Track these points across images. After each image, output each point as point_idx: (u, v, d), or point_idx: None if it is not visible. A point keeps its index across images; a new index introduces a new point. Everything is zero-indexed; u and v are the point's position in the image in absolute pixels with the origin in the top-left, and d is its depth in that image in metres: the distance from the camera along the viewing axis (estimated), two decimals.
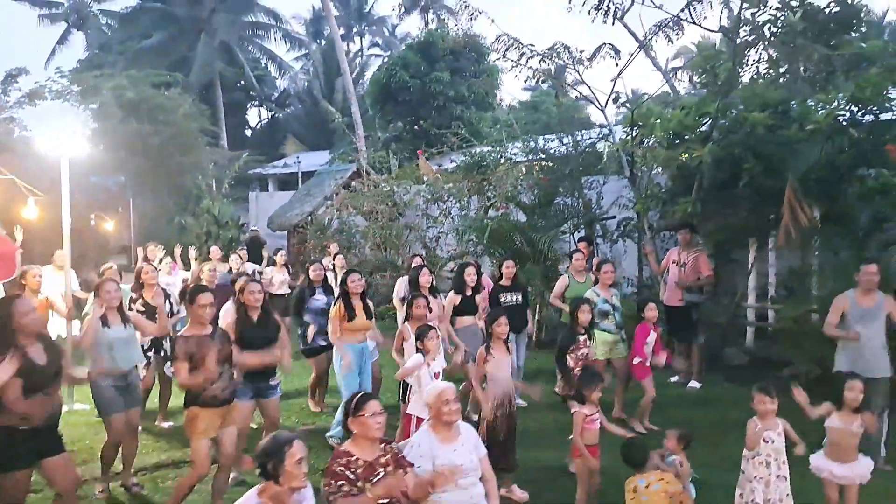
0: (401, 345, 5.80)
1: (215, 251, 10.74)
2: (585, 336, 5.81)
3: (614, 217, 10.70)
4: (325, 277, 7.43)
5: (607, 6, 8.36)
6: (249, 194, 23.20)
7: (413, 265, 7.86)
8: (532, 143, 12.00)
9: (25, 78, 16.39)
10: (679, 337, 8.69)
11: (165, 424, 6.94)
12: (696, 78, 8.34)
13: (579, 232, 11.16)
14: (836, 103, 7.17)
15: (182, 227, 16.34)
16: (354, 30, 39.63)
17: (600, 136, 11.12)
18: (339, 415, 6.23)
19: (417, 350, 5.10)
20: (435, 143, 17.01)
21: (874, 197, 6.86)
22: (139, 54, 26.40)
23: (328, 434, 6.36)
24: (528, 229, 10.55)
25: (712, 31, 8.83)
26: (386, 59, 27.03)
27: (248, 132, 34.05)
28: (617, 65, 10.37)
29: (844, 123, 7.43)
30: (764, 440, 4.40)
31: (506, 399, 5.14)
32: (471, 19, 11.19)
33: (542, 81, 12.78)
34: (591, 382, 4.93)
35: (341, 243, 14.15)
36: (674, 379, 8.64)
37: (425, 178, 13.45)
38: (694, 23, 8.62)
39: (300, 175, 21.96)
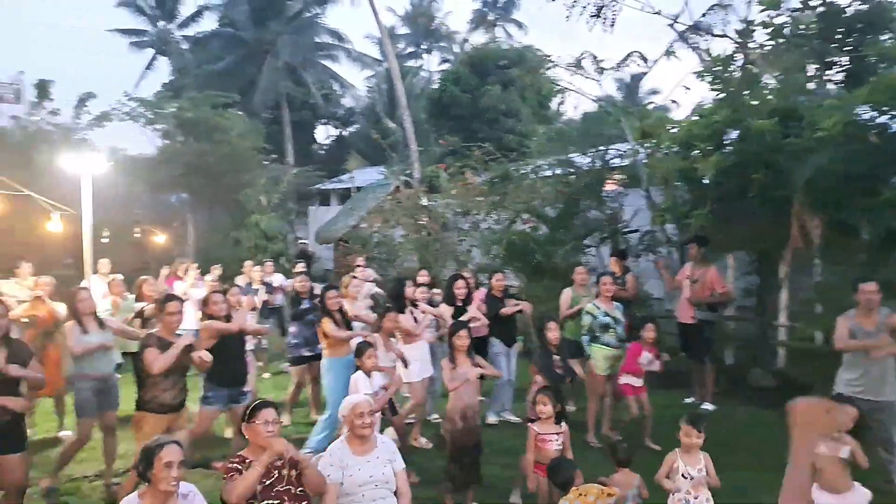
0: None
1: (248, 265, 10.99)
2: (557, 356, 5.69)
3: (637, 231, 10.42)
4: (311, 289, 7.56)
5: (603, 13, 8.18)
6: (309, 209, 23.98)
7: (419, 277, 7.91)
8: (560, 157, 11.86)
9: (95, 101, 17.56)
10: (691, 356, 8.35)
11: None
12: (707, 85, 8.03)
13: (604, 245, 10.94)
14: (848, 108, 6.72)
15: (236, 241, 17.04)
16: (423, 46, 40.26)
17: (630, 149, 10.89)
18: (317, 427, 6.36)
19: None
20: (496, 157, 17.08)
21: (885, 210, 6.37)
22: (211, 77, 27.80)
23: (305, 446, 6.45)
24: (547, 243, 10.43)
25: (725, 36, 8.50)
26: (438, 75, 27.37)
27: (317, 149, 35.09)
28: (645, 72, 10.16)
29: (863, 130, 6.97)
30: (682, 475, 4.21)
31: (468, 411, 5.11)
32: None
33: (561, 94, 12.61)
34: (542, 400, 4.84)
35: (381, 256, 14.40)
36: (689, 400, 8.30)
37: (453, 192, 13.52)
38: (709, 32, 8.33)
39: (355, 190, 22.51)
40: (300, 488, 3.62)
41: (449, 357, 5.23)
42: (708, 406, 8.01)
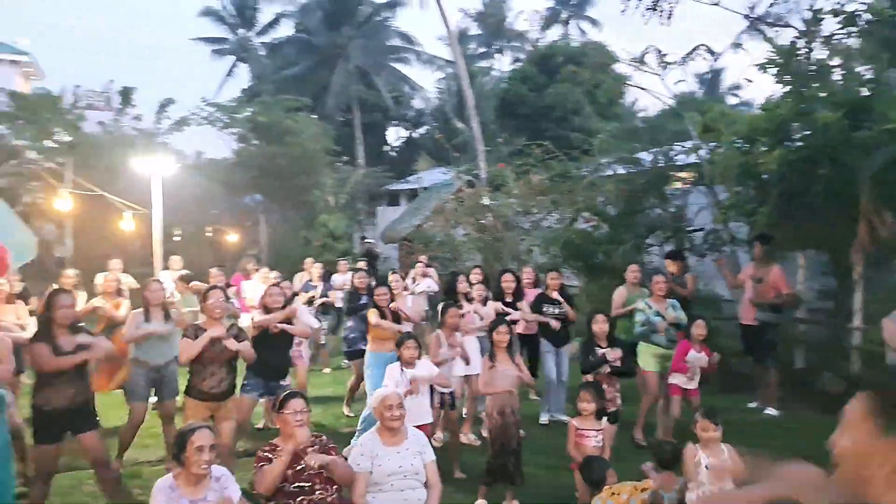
0: (436, 351, 5.94)
1: (309, 262, 11.25)
2: (607, 348, 5.59)
3: (702, 229, 10.09)
4: (369, 285, 7.72)
5: (659, 6, 7.93)
6: (378, 209, 24.41)
7: (473, 275, 7.93)
8: (624, 154, 11.61)
9: (175, 107, 18.46)
10: (755, 358, 8.03)
11: None
12: (771, 77, 7.67)
13: (669, 245, 10.66)
14: None
15: (306, 241, 17.55)
16: (494, 46, 40.22)
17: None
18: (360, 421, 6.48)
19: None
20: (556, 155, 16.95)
21: None
22: (285, 82, 28.72)
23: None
24: (607, 242, 10.25)
25: (790, 26, 8.11)
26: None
27: (387, 150, 35.63)
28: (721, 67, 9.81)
29: None
30: (706, 468, 4.12)
31: (506, 408, 5.11)
32: None
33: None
34: (584, 397, 4.80)
35: (444, 255, 14.50)
36: (752, 404, 7.99)
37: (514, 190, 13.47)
38: (777, 24, 7.98)
39: (422, 190, 22.74)
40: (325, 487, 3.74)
41: (489, 354, 5.24)
42: (771, 411, 7.69)
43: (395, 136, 36.99)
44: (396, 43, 31.62)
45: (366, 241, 18.27)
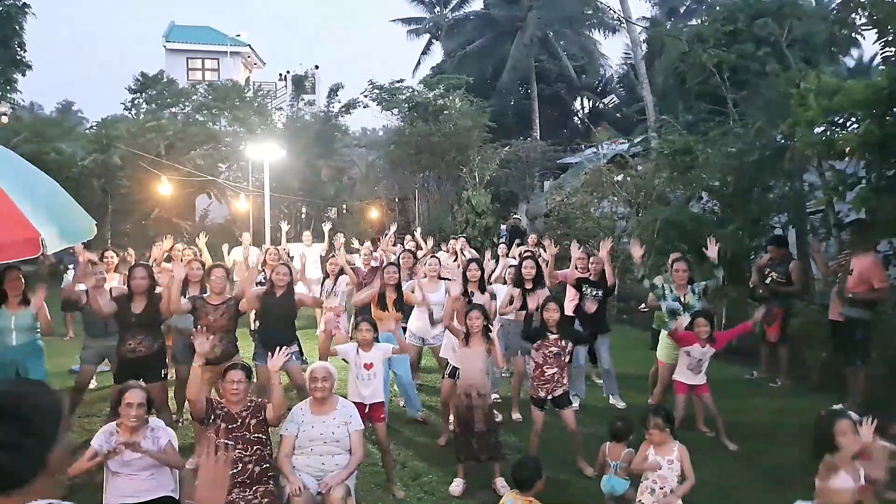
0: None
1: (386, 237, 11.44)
2: (557, 335, 5.49)
3: (821, 211, 8.99)
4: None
5: None
6: (545, 183, 24.37)
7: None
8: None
9: (343, 91, 20.14)
10: (844, 359, 7.14)
11: None
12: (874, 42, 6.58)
13: (791, 228, 9.67)
14: None
15: (453, 216, 18.33)
16: (682, 10, 37.43)
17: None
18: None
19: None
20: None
21: None
22: (466, 58, 29.52)
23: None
24: (714, 224, 9.55)
25: None
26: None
27: (569, 121, 35.04)
28: None
29: None
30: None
31: (472, 390, 5.30)
32: None
33: None
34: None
35: (588, 233, 14.27)
36: (837, 406, 7.15)
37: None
38: None
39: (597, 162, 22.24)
40: (255, 434, 4.34)
41: (464, 336, 5.41)
42: (853, 415, 6.83)
43: (577, 106, 36.21)
44: (579, 10, 30.82)
45: (513, 216, 18.52)
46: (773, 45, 20.62)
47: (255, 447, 4.32)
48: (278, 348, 4.54)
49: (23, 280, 5.78)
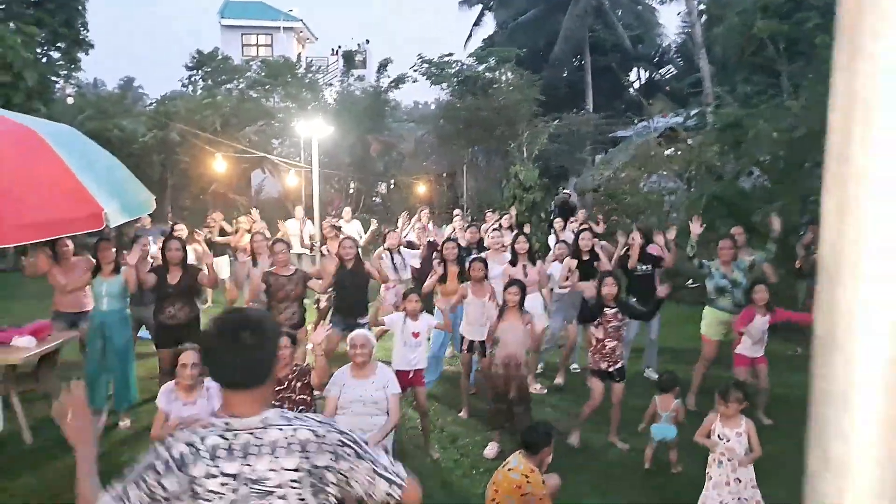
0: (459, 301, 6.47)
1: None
2: (616, 310, 5.61)
3: None
4: (481, 241, 8.30)
5: None
6: (597, 157, 24.08)
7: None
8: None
9: (393, 66, 20.28)
10: None
11: None
12: None
13: None
14: None
15: (501, 191, 18.36)
16: None
17: None
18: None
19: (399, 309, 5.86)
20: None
21: None
22: (517, 29, 29.23)
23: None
24: (765, 201, 9.40)
25: None
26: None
27: (625, 93, 34.35)
28: None
29: None
30: (718, 436, 4.37)
31: (511, 361, 5.52)
32: None
33: None
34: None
35: (638, 208, 14.15)
36: None
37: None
38: None
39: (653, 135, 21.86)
40: (300, 396, 4.63)
41: (499, 310, 5.61)
42: None
43: (633, 77, 35.43)
44: None
45: (564, 191, 18.42)
46: (824, 15, 19.87)
47: (299, 408, 4.60)
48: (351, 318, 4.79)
49: (113, 250, 6.22)
